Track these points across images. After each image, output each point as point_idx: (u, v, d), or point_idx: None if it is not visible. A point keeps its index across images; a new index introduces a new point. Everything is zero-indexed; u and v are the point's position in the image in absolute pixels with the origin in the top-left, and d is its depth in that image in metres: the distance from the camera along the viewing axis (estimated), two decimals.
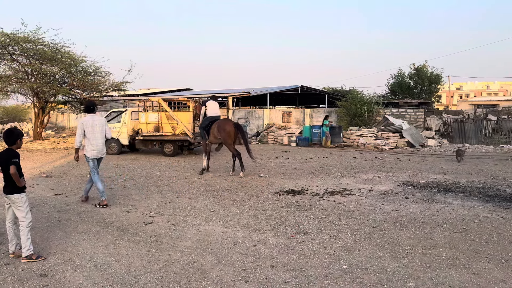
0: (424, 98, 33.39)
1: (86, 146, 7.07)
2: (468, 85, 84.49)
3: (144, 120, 14.94)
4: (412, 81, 35.72)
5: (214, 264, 4.39)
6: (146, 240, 5.22)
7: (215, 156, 15.00)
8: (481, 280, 3.90)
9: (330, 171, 11.11)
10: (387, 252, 4.69)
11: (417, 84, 35.55)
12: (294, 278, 4.00)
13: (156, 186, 8.98)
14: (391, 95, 34.58)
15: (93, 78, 22.48)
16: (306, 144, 19.94)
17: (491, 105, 39.99)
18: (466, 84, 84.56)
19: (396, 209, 6.73)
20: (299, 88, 29.41)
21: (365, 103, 22.38)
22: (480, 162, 13.05)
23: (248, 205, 7.09)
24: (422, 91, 35.35)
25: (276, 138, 22.10)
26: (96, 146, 7.03)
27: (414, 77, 35.60)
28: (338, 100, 24.84)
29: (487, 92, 78.31)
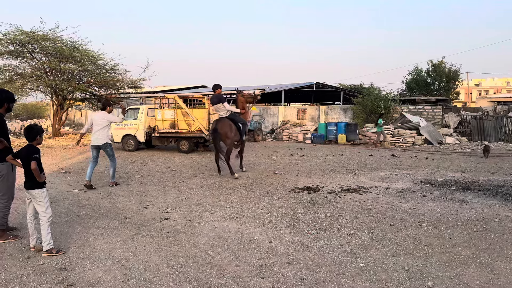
0: (442, 95, 32.82)
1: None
2: (487, 81, 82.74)
3: (160, 117, 15.08)
4: (429, 78, 35.18)
5: (230, 260, 4.41)
6: (163, 235, 5.28)
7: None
8: (502, 280, 3.83)
9: (346, 169, 11.03)
10: (405, 251, 4.64)
11: (435, 81, 35.00)
12: (310, 275, 3.99)
13: (172, 182, 9.06)
14: (408, 92, 34.11)
15: (110, 76, 22.76)
16: (321, 141, 19.85)
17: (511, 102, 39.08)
18: (485, 81, 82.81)
19: (414, 207, 6.64)
20: (314, 85, 29.25)
21: (381, 100, 22.12)
22: (500, 160, 12.78)
23: (264, 202, 7.10)
24: (440, 87, 34.78)
25: (291, 135, 22.05)
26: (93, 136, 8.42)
27: (431, 73, 35.05)
28: (354, 97, 24.61)
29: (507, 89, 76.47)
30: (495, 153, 14.93)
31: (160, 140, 15.48)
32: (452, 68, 35.03)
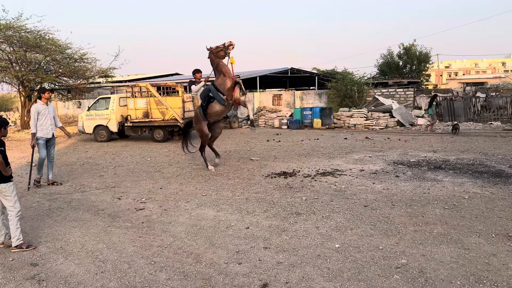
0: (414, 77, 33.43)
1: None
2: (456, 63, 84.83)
3: (132, 106, 14.76)
4: (401, 61, 35.72)
5: (207, 247, 4.38)
6: (138, 226, 5.19)
7: None
8: (472, 255, 3.95)
9: (321, 153, 11.12)
10: (379, 230, 4.72)
11: (406, 64, 35.57)
12: (287, 259, 4.01)
13: (147, 172, 8.91)
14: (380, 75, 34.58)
15: (79, 65, 22.06)
16: (297, 126, 19.94)
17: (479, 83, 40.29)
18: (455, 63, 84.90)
19: (387, 188, 6.77)
20: (289, 71, 29.23)
21: (355, 84, 22.34)
22: (470, 139, 13.17)
23: (240, 188, 7.08)
24: (411, 70, 35.39)
25: (267, 121, 22.06)
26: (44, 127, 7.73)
27: (403, 56, 35.58)
28: (329, 81, 24.76)
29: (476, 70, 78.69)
30: (464, 132, 15.38)
31: (134, 129, 15.19)
32: (423, 51, 35.64)
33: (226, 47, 8.35)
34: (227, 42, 8.35)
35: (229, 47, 8.37)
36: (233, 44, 8.36)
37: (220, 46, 8.43)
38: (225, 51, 8.41)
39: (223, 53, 8.46)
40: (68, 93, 23.88)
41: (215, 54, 8.53)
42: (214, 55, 8.55)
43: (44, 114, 7.62)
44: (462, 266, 3.71)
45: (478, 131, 16.08)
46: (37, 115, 7.56)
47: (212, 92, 8.54)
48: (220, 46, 8.44)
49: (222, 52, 8.44)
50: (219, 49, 8.45)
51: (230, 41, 8.35)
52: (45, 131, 7.65)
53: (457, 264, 3.76)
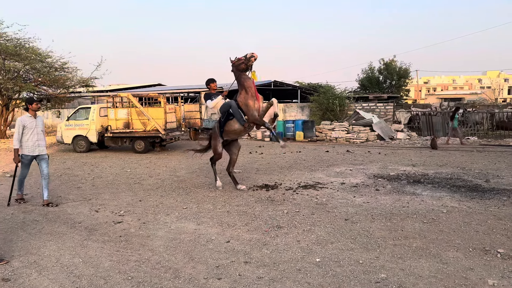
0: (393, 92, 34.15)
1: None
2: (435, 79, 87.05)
3: (113, 116, 14.56)
4: (381, 76, 36.47)
5: (186, 262, 4.31)
6: (116, 239, 5.07)
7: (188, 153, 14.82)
8: (450, 269, 3.99)
9: (303, 165, 11.16)
10: (359, 244, 4.73)
11: (386, 79, 36.33)
12: (267, 273, 3.97)
13: (127, 184, 8.76)
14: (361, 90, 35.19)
15: (59, 74, 21.72)
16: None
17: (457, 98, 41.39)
18: (433, 78, 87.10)
19: (368, 201, 6.82)
20: (272, 83, 29.47)
21: (336, 97, 22.67)
22: (448, 154, 13.44)
23: (222, 201, 7.02)
24: (391, 85, 36.16)
25: (250, 133, 22.08)
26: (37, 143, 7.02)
27: (383, 71, 36.36)
28: (311, 95, 25.03)
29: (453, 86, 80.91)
30: (442, 147, 15.70)
31: (114, 140, 14.96)
32: (402, 67, 36.50)
33: (247, 59, 7.53)
34: (248, 54, 7.53)
35: (251, 59, 7.51)
36: (255, 56, 7.50)
37: (241, 58, 7.62)
38: (246, 64, 7.58)
39: (244, 66, 7.62)
40: (47, 103, 23.43)
41: (236, 66, 7.71)
42: (236, 68, 7.73)
43: (31, 128, 6.79)
44: (440, 280, 3.75)
45: (455, 146, 16.44)
46: (22, 129, 6.75)
47: (233, 108, 7.62)
48: (241, 58, 7.63)
49: (244, 65, 7.60)
50: (240, 62, 7.62)
51: (252, 53, 7.50)
52: (30, 148, 6.80)
53: (436, 278, 3.79)
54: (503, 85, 71.19)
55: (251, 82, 7.68)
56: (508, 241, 4.75)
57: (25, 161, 6.87)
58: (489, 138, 19.14)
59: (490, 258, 4.26)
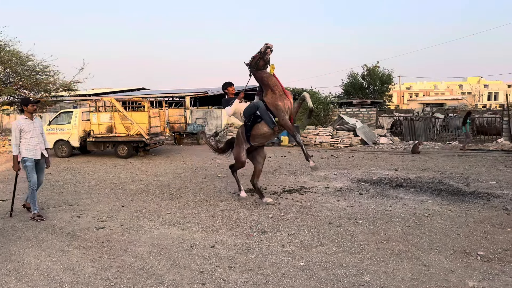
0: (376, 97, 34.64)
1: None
2: (417, 85, 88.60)
3: (95, 120, 14.36)
4: (364, 81, 36.95)
5: (169, 268, 4.26)
6: (98, 245, 4.99)
7: (172, 157, 14.73)
8: (432, 272, 4.05)
9: (288, 170, 11.20)
10: (343, 248, 4.77)
11: (370, 84, 36.83)
12: (252, 278, 3.96)
13: (109, 189, 8.64)
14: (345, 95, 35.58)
15: (41, 78, 21.34)
16: None
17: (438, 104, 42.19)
18: (416, 84, 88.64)
19: (351, 205, 6.88)
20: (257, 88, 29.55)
21: (321, 102, 22.85)
22: (429, 158, 13.67)
23: (206, 206, 6.98)
24: (374, 91, 36.68)
25: None
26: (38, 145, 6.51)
27: (366, 77, 36.85)
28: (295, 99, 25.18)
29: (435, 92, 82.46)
30: (424, 151, 15.96)
31: (96, 145, 14.76)
32: (385, 73, 37.06)
33: (263, 53, 6.78)
34: (262, 47, 6.79)
35: (267, 52, 6.79)
36: (270, 46, 6.76)
37: (256, 55, 6.88)
38: (263, 59, 6.83)
39: (262, 62, 6.87)
40: None
41: (254, 68, 6.97)
42: (255, 70, 6.98)
43: (29, 131, 6.23)
44: (422, 283, 3.80)
45: (437, 150, 16.73)
46: (19, 133, 6.19)
47: (261, 110, 6.88)
48: (256, 56, 6.89)
49: (261, 61, 6.85)
50: (256, 59, 6.89)
51: (266, 44, 6.75)
52: (31, 150, 6.25)
53: (418, 281, 3.84)
54: (483, 91, 72.94)
55: (275, 79, 6.97)
56: (488, 243, 4.85)
57: (30, 165, 6.25)
58: (469, 142, 19.52)
59: (471, 260, 4.34)
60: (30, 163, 6.26)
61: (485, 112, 29.14)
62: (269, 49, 6.75)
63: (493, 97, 74.49)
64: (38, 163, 6.44)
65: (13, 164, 6.26)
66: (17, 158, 6.23)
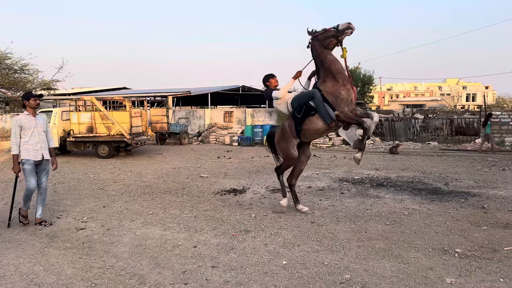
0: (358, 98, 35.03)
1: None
2: (398, 86, 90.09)
3: (76, 120, 14.16)
4: None
5: (152, 268, 4.24)
6: (78, 246, 4.92)
7: (154, 158, 14.63)
8: (411, 269, 4.13)
9: (271, 170, 11.21)
10: (325, 246, 4.82)
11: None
12: (234, 277, 3.97)
13: (90, 189, 8.52)
14: None
15: (19, 76, 20.84)
16: (248, 143, 20.08)
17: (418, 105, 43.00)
18: (396, 85, 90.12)
19: (333, 204, 6.96)
20: (240, 88, 29.54)
21: None
22: (409, 158, 13.93)
23: (189, 206, 6.96)
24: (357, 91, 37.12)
25: (218, 138, 22.02)
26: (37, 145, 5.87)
27: None
28: None
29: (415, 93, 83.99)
30: (404, 151, 16.24)
31: (76, 145, 14.53)
32: (366, 74, 37.57)
33: (340, 31, 5.65)
34: (342, 24, 5.65)
35: (346, 32, 5.68)
36: (353, 28, 5.65)
37: (331, 30, 5.72)
38: (337, 38, 5.73)
39: (334, 40, 5.78)
40: (6, 106, 22.41)
41: (321, 41, 5.84)
42: (320, 43, 5.86)
43: (30, 128, 5.64)
44: (401, 280, 3.87)
45: (417, 150, 17.06)
46: (20, 130, 5.61)
47: (316, 100, 5.80)
48: (330, 30, 5.73)
49: (334, 39, 5.75)
50: (329, 34, 5.74)
51: (348, 23, 5.64)
52: (32, 151, 5.64)
53: (397, 278, 3.92)
54: (461, 92, 74.66)
55: (342, 66, 5.89)
56: (465, 241, 4.98)
57: (28, 168, 5.63)
58: (448, 143, 19.99)
59: (449, 257, 4.44)
60: (28, 165, 5.63)
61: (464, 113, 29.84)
62: (350, 30, 5.66)
63: (471, 98, 76.37)
64: (40, 165, 5.78)
65: (13, 165, 5.64)
66: (17, 158, 5.62)
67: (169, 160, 13.76)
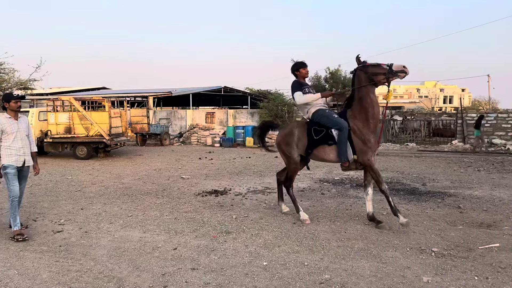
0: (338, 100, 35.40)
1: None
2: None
3: (53, 121, 13.87)
4: (327, 84, 37.70)
5: (130, 271, 4.18)
6: (55, 250, 4.82)
7: (134, 159, 14.44)
8: (389, 268, 4.20)
9: (253, 171, 11.25)
10: (305, 247, 4.85)
11: (332, 87, 37.58)
12: (215, 279, 3.96)
13: (67, 191, 8.35)
14: None
15: None
16: (229, 144, 20.04)
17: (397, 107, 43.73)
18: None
19: (314, 205, 7.01)
20: (222, 89, 29.48)
21: (285, 104, 23.12)
22: (388, 159, 14.15)
23: (169, 207, 6.90)
24: None
25: (200, 139, 21.90)
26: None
27: (329, 80, 37.61)
28: (261, 101, 25.34)
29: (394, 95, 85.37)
30: (383, 153, 16.50)
31: (54, 146, 14.24)
32: (347, 76, 37.96)
33: (393, 72, 5.39)
34: (396, 65, 5.37)
35: (399, 75, 5.41)
36: (407, 72, 5.42)
37: (383, 67, 5.44)
38: (388, 77, 5.44)
39: (383, 79, 5.49)
40: None
41: (369, 74, 5.53)
42: (367, 76, 5.55)
43: (12, 133, 5.28)
44: (380, 279, 3.93)
45: (395, 151, 17.35)
46: (1, 134, 5.28)
47: (342, 135, 5.52)
48: (383, 66, 5.45)
49: (383, 77, 5.46)
50: (380, 71, 5.46)
51: (403, 66, 5.38)
52: (14, 156, 5.28)
53: (376, 277, 3.97)
54: (439, 95, 76.34)
55: (379, 111, 5.70)
56: (441, 240, 5.09)
57: (11, 172, 5.26)
58: (426, 144, 20.41)
59: (425, 256, 4.53)
60: (11, 170, 5.26)
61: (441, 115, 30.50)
62: (404, 74, 5.40)
63: (448, 100, 78.17)
64: (22, 170, 5.45)
65: None
66: None
67: (149, 161, 13.61)
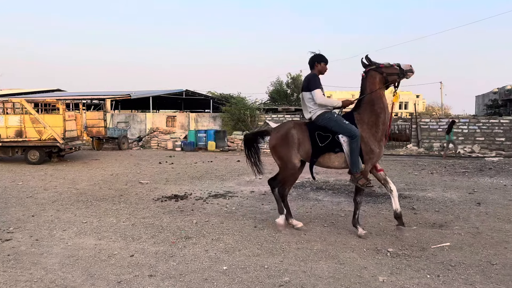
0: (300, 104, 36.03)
1: None
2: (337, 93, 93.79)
3: (3, 124, 13.15)
4: (289, 89, 38.27)
5: (84, 279, 4.01)
6: (3, 259, 4.54)
7: (90, 163, 13.94)
8: (347, 269, 4.28)
9: (214, 175, 11.17)
10: (265, 250, 4.86)
11: (294, 92, 38.21)
12: (173, 286, 3.87)
13: (18, 198, 7.92)
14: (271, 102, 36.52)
15: None
16: (191, 148, 19.82)
17: None
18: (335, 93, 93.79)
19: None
20: (183, 92, 29.14)
21: (248, 108, 23.22)
22: None
23: (126, 213, 6.69)
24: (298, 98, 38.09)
25: (160, 143, 21.52)
26: None
27: (290, 85, 38.20)
28: (223, 105, 25.30)
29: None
30: None
31: (4, 150, 13.49)
32: None
33: (403, 72, 5.36)
34: (406, 65, 5.38)
35: (408, 74, 5.40)
36: (414, 71, 5.45)
37: (395, 67, 5.37)
38: (400, 77, 5.40)
39: (396, 79, 5.40)
40: None
41: (384, 76, 5.38)
42: (382, 77, 5.39)
43: None
44: (337, 280, 4.00)
45: None
46: None
47: (354, 143, 5.23)
48: (394, 67, 5.37)
49: (396, 77, 5.38)
50: (394, 71, 5.36)
51: (410, 65, 5.41)
52: None
53: (334, 278, 4.04)
54: None
55: (388, 117, 5.48)
56: (396, 241, 5.25)
57: None
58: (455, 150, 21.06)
59: (381, 257, 4.66)
60: None
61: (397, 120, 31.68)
62: (412, 73, 5.42)
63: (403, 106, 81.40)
64: None
65: None
66: None
67: (106, 166, 13.19)
